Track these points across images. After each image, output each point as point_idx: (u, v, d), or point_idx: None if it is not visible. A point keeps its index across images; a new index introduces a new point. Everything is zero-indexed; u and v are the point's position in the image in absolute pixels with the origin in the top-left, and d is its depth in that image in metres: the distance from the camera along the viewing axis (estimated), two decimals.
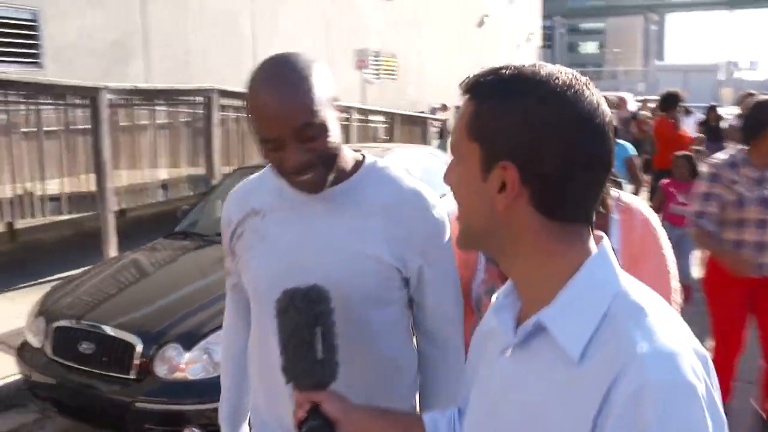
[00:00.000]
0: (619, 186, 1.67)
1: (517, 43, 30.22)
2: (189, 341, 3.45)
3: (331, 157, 1.42)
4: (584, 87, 0.89)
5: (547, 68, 0.90)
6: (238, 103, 9.05)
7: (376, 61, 17.82)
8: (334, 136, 1.41)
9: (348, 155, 1.55)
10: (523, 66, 0.91)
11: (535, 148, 0.86)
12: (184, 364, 3.41)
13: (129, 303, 3.96)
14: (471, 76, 0.94)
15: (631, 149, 6.16)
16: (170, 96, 8.26)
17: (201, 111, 8.57)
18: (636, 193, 6.08)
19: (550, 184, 0.87)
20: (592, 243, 0.92)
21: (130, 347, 3.50)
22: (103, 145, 6.98)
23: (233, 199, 1.66)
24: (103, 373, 3.55)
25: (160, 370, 3.43)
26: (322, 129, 1.38)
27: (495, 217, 0.90)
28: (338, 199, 1.51)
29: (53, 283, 5.00)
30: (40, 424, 4.24)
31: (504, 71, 0.90)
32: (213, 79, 9.81)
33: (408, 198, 1.53)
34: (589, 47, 75.05)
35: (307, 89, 1.36)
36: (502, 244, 0.94)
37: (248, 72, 1.44)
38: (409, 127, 14.73)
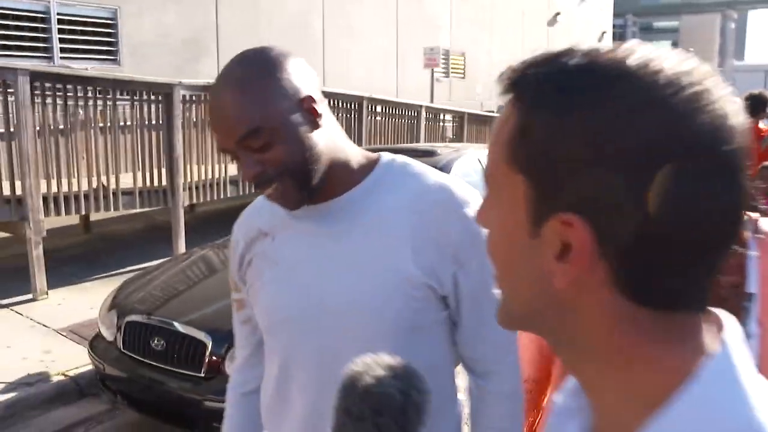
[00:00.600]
0: (755, 209, 1.27)
1: (588, 42, 29.49)
2: None
3: (296, 168, 1.22)
4: (704, 86, 0.54)
5: (641, 54, 0.55)
6: None
7: (445, 59, 17.67)
8: (298, 143, 1.21)
9: (356, 158, 1.33)
10: (599, 51, 0.57)
11: (620, 192, 0.53)
12: None
13: (200, 300, 3.96)
14: (515, 65, 0.60)
15: None
16: None
17: None
18: None
19: (645, 255, 0.54)
20: (708, 339, 0.58)
21: (202, 345, 3.49)
22: (175, 140, 7.08)
23: (240, 222, 1.47)
24: (174, 369, 3.55)
25: (231, 369, 3.39)
26: (275, 137, 1.19)
27: (552, 294, 0.58)
28: (355, 209, 1.30)
29: (125, 276, 5.09)
30: (111, 414, 4.30)
31: (567, 60, 0.57)
32: None
33: (434, 194, 1.30)
34: (663, 46, 73.04)
35: (254, 93, 1.19)
36: (558, 332, 0.61)
37: (319, 69, 1.34)
38: (478, 126, 14.55)
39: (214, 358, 3.45)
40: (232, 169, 8.16)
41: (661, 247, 0.54)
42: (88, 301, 5.87)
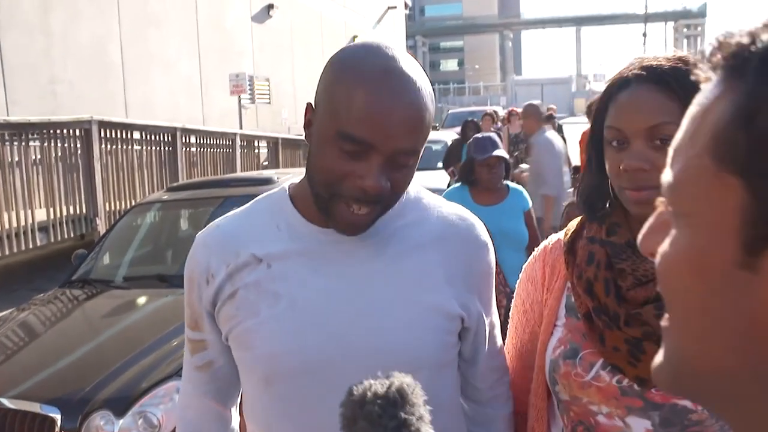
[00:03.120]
0: None
1: None
2: (120, 406, 3.00)
3: (396, 200, 1.13)
4: None
5: None
6: (120, 134, 8.47)
7: (250, 85, 17.42)
8: (413, 176, 1.15)
9: None
10: None
11: None
12: None
13: (37, 369, 3.43)
14: (718, 42, 0.47)
15: (527, 199, 4.13)
16: (45, 129, 7.55)
17: (78, 144, 7.91)
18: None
19: None
20: None
21: (49, 421, 3.02)
22: None
23: (211, 243, 1.22)
24: None
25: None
26: (416, 162, 1.11)
27: (754, 352, 0.44)
28: (378, 236, 1.16)
29: None
30: None
31: None
32: (84, 109, 9.16)
33: (459, 225, 1.23)
34: (450, 65, 77.58)
35: (428, 112, 1.08)
36: (747, 410, 0.47)
37: (120, 99, 1.15)
38: (291, 151, 14.49)
39: None
40: (41, 214, 7.39)
41: None
42: None
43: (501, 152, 3.94)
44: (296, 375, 1.13)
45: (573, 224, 1.30)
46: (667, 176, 0.49)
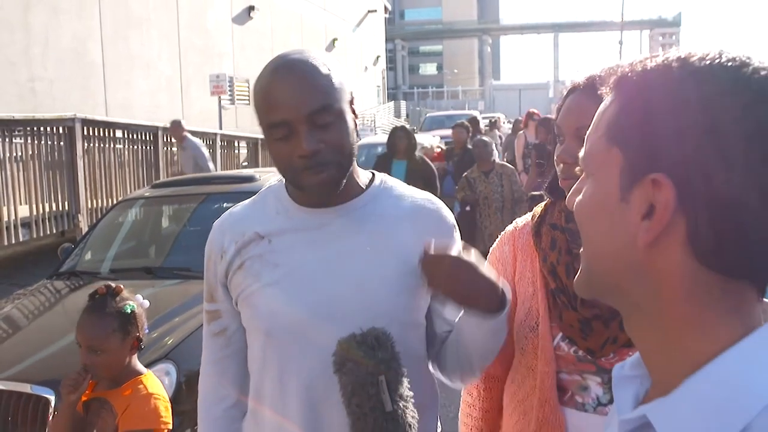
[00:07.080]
0: None
1: (365, 65, 30.85)
2: None
3: (344, 156, 1.32)
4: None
5: (713, 54, 0.65)
6: (102, 132, 8.56)
7: (231, 86, 17.50)
8: (350, 133, 1.33)
9: (360, 171, 1.45)
10: (689, 53, 0.66)
11: (705, 157, 0.61)
12: None
13: (29, 353, 3.57)
14: (610, 68, 0.75)
15: None
16: (29, 126, 7.64)
17: (61, 142, 8.01)
18: None
19: (721, 217, 0.61)
20: (759, 314, 0.65)
21: (44, 402, 3.16)
22: None
23: (224, 226, 1.47)
24: None
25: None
26: (338, 118, 1.30)
27: (632, 255, 0.66)
28: (358, 214, 1.39)
29: None
30: None
31: (662, 58, 0.68)
32: (64, 108, 9.24)
33: (428, 206, 1.46)
34: (429, 69, 77.82)
35: (326, 74, 1.30)
36: (634, 297, 0.69)
37: (100, 99, 1.35)
38: None
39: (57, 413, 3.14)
40: (23, 211, 7.47)
41: (737, 213, 0.61)
42: None
43: None
44: (291, 328, 1.36)
45: (538, 210, 1.51)
46: (581, 152, 0.75)
